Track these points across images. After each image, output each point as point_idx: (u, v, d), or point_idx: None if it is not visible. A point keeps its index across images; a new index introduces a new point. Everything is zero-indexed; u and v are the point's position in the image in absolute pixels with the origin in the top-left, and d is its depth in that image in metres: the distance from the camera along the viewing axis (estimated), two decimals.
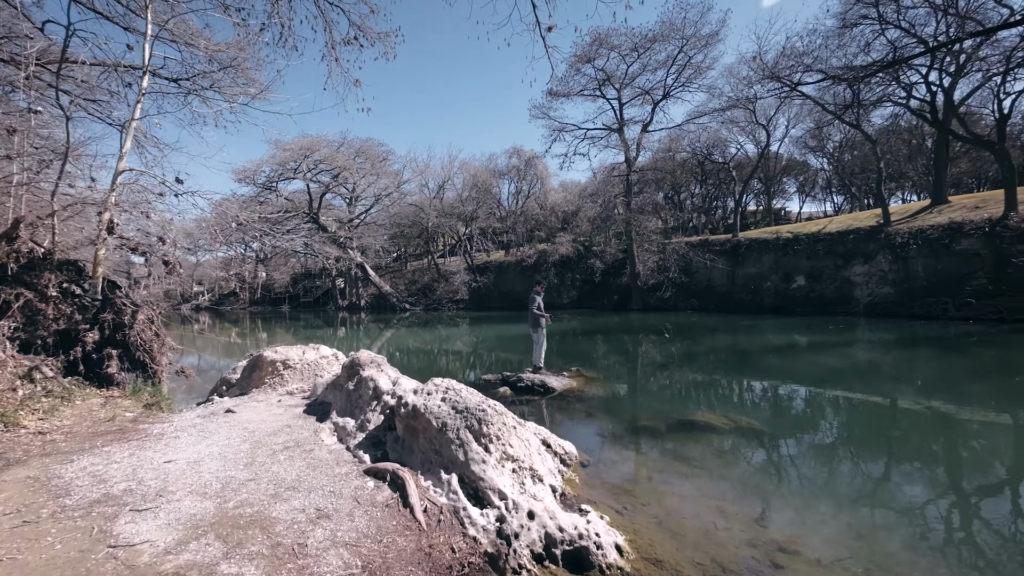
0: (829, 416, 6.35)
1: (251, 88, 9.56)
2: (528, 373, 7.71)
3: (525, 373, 7.73)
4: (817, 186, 39.21)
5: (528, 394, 6.99)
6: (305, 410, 4.82)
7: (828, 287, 20.59)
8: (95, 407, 5.23)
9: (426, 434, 3.49)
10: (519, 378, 7.41)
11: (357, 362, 4.77)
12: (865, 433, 5.61)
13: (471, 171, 35.03)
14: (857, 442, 5.33)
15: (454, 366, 11.38)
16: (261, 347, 7.42)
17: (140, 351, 6.35)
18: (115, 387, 6.10)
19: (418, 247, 41.87)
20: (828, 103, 22.57)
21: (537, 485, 3.38)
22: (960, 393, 7.24)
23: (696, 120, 25.67)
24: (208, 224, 7.51)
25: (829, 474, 4.43)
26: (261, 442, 3.89)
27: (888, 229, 19.10)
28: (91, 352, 6.11)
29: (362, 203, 38.10)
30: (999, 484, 4.27)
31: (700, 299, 25.10)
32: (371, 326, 26.91)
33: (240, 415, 4.67)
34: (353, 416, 4.23)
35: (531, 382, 7.19)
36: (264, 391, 5.46)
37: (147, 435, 4.30)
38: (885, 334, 13.62)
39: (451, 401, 3.61)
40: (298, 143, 31.30)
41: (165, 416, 5.04)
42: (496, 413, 3.54)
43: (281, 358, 5.59)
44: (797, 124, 30.80)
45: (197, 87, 8.82)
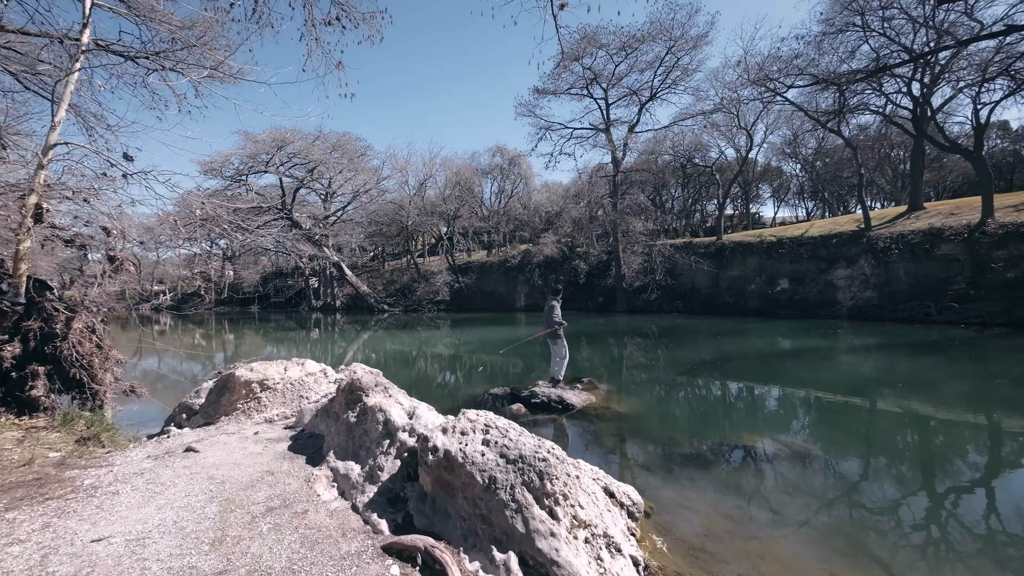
0: (889, 434, 5.75)
1: (218, 71, 8.34)
2: (541, 386, 6.82)
3: (538, 386, 6.84)
4: (791, 192, 40.08)
5: (544, 412, 6.12)
6: (291, 446, 3.78)
7: (811, 290, 20.66)
8: (8, 444, 4.02)
9: (467, 492, 2.56)
10: (532, 393, 6.52)
11: (358, 385, 3.77)
12: (948, 453, 5.02)
13: (453, 169, 33.90)
14: (942, 466, 4.72)
15: (448, 377, 10.38)
16: (231, 361, 6.27)
17: (76, 367, 5.11)
18: (41, 414, 4.87)
19: (397, 246, 40.34)
20: (810, 110, 22.74)
21: (617, 559, 2.52)
22: None
23: (682, 122, 25.51)
24: (168, 217, 6.32)
25: (934, 512, 3.76)
26: (234, 500, 2.86)
27: (870, 234, 19.28)
28: (9, 370, 4.85)
29: (338, 200, 36.30)
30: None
31: (685, 301, 24.90)
32: (347, 328, 25.44)
33: (205, 455, 3.59)
34: (358, 459, 3.24)
35: (547, 398, 6.32)
36: (236, 420, 4.37)
37: (74, 489, 3.18)
38: (883, 338, 13.48)
39: (497, 445, 2.69)
40: (270, 135, 29.37)
41: (104, 456, 3.89)
42: (558, 460, 2.65)
43: (258, 377, 4.50)
44: (774, 131, 31.21)
45: (157, 66, 7.54)
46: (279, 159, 29.74)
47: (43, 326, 5.14)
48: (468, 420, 2.95)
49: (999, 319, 14.34)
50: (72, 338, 5.11)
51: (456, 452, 2.66)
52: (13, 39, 6.28)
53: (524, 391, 6.71)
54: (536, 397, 6.37)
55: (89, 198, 4.90)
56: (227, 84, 8.29)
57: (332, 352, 17.43)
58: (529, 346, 15.00)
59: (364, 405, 3.54)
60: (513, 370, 10.70)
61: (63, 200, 5.22)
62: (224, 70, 8.41)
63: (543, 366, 10.56)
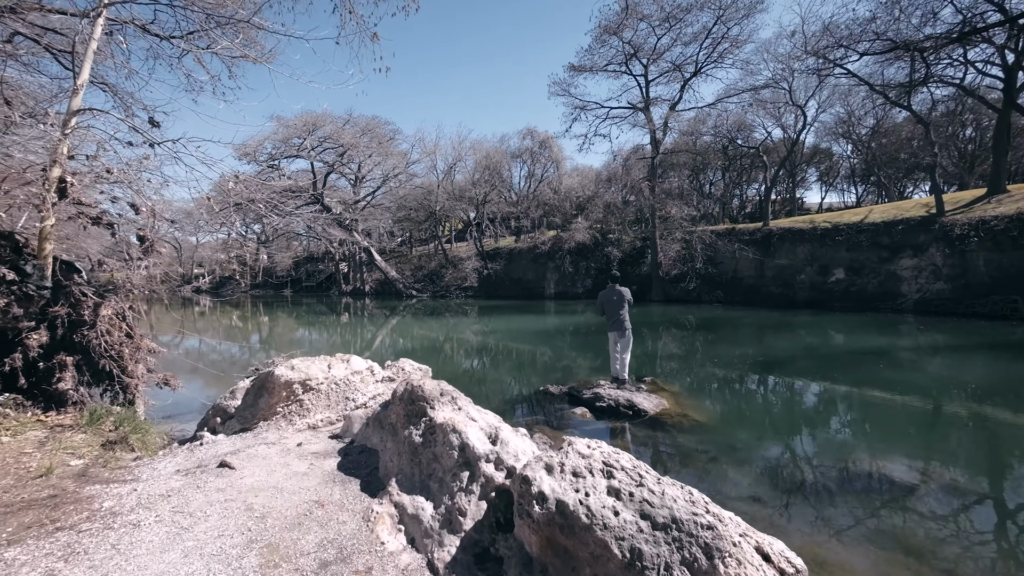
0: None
1: (251, 50, 7.79)
2: (605, 387, 6.03)
3: (601, 387, 6.04)
4: (839, 176, 37.35)
5: (612, 418, 5.35)
6: (341, 464, 3.14)
7: (870, 281, 18.98)
8: (29, 447, 3.56)
9: (598, 568, 1.81)
10: (597, 395, 5.74)
11: (419, 394, 3.07)
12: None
13: (482, 152, 32.93)
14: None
15: (487, 370, 9.71)
16: (267, 344, 5.76)
17: (105, 358, 4.65)
18: (70, 408, 4.44)
19: (425, 232, 39.95)
20: (875, 83, 20.63)
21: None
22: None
23: (728, 100, 23.69)
24: (203, 198, 5.84)
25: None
26: (278, 548, 2.22)
27: (943, 220, 17.41)
28: (36, 360, 4.43)
29: (368, 184, 36.03)
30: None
31: (725, 291, 23.48)
32: (376, 313, 25.27)
33: (242, 473, 2.99)
34: (428, 493, 2.55)
35: (614, 401, 5.53)
36: (276, 425, 3.78)
37: (91, 515, 2.62)
38: (972, 337, 12.01)
39: (633, 499, 1.92)
40: (301, 119, 29.12)
41: (130, 466, 3.36)
42: (725, 527, 1.85)
43: (300, 377, 3.89)
44: (827, 109, 28.80)
45: (192, 47, 7.02)
46: (310, 143, 29.51)
47: (71, 312, 4.69)
48: (579, 455, 2.19)
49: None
50: (100, 326, 4.64)
51: (574, 505, 1.91)
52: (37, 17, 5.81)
53: (585, 391, 5.94)
54: (601, 400, 5.60)
55: (113, 170, 4.34)
56: (260, 64, 7.76)
57: (362, 337, 17.13)
58: (561, 337, 14.21)
59: (431, 422, 2.83)
60: (552, 363, 9.96)
61: (88, 174, 4.68)
62: (257, 50, 7.90)
63: (583, 360, 9.77)
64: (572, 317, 20.30)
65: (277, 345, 16.47)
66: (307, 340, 17.49)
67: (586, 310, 23.36)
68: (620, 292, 6.16)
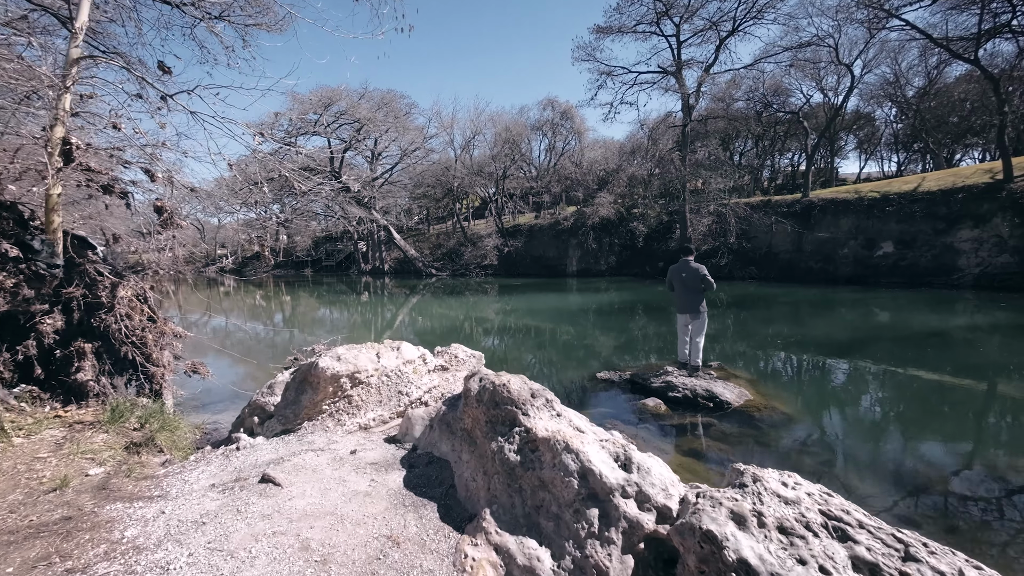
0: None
1: (264, 18, 7.01)
2: (675, 375, 5.32)
3: (671, 374, 5.33)
4: (880, 143, 34.91)
5: (690, 411, 4.66)
6: (407, 479, 2.54)
7: (924, 255, 17.62)
8: (44, 450, 3.08)
9: None
10: (668, 384, 5.04)
11: (505, 395, 2.41)
12: None
13: (501, 125, 31.59)
14: None
15: (527, 354, 9.08)
16: (291, 324, 5.21)
17: (127, 344, 4.14)
18: (92, 400, 3.97)
19: (443, 209, 39.14)
20: (929, 37, 18.64)
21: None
22: None
23: (769, 59, 21.84)
24: (230, 169, 5.22)
25: None
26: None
27: (1012, 186, 15.85)
28: (52, 348, 3.94)
29: (385, 162, 35.19)
30: None
31: (759, 267, 22.27)
32: (396, 292, 24.90)
33: (290, 492, 2.40)
34: (538, 533, 1.90)
35: (690, 391, 4.83)
36: (323, 426, 3.20)
37: (109, 549, 2.07)
38: None
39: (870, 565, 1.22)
40: (316, 94, 28.18)
41: (158, 476, 2.83)
42: None
43: (348, 369, 3.28)
44: (872, 70, 26.49)
45: (203, 14, 6.26)
46: (326, 119, 28.64)
47: (87, 293, 4.17)
48: (777, 497, 1.50)
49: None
50: (119, 309, 4.11)
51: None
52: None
53: (653, 378, 5.24)
54: (675, 389, 4.90)
55: (121, 125, 3.69)
56: (274, 33, 7.01)
57: (383, 316, 16.74)
58: (593, 316, 13.36)
59: (528, 435, 2.18)
60: (592, 345, 9.28)
61: (94, 134, 4.05)
62: (270, 17, 7.15)
63: (626, 342, 9.05)
64: (599, 295, 19.53)
65: (300, 324, 16.22)
66: (329, 319, 17.21)
67: (610, 287, 22.50)
68: (693, 269, 5.38)
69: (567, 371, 6.78)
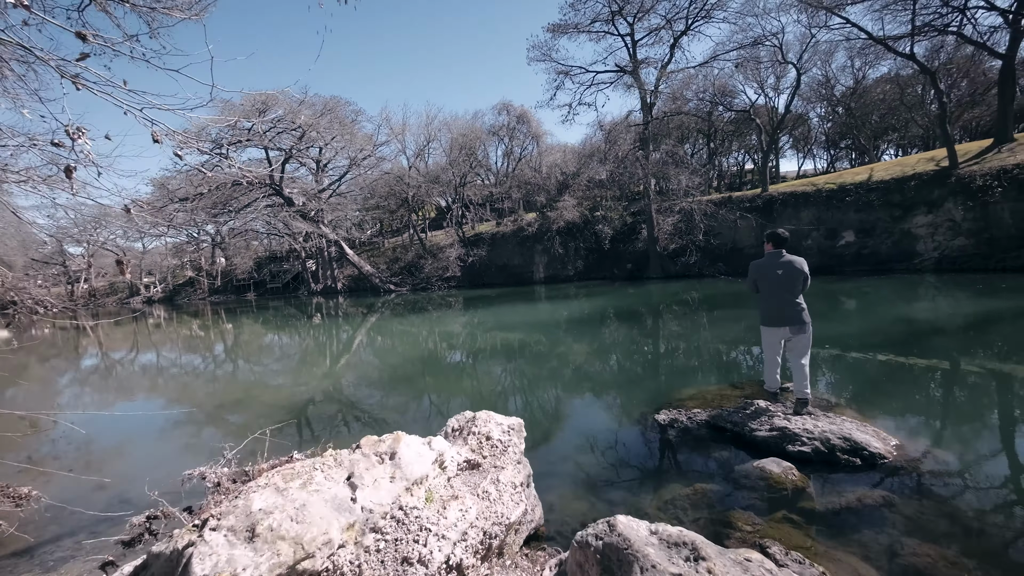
0: None
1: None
2: (779, 412, 3.70)
3: (774, 413, 3.70)
4: (813, 141, 36.61)
5: (825, 469, 3.05)
6: None
7: (884, 242, 17.72)
8: None
9: None
10: (783, 431, 3.39)
11: None
12: None
13: (456, 130, 29.81)
14: None
15: (528, 385, 7.26)
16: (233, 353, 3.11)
17: None
18: None
19: (399, 220, 36.53)
20: (869, 35, 19.08)
21: None
22: None
23: (721, 57, 21.68)
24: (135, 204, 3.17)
25: None
26: None
27: (958, 172, 16.17)
28: None
29: (331, 172, 32.22)
30: None
31: (727, 263, 21.87)
32: (352, 311, 22.26)
33: None
34: None
35: (822, 440, 3.22)
36: None
37: None
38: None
39: None
40: (249, 99, 24.97)
41: None
42: None
43: (277, 563, 1.28)
44: (807, 71, 27.39)
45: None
46: (261, 126, 25.48)
47: None
48: None
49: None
50: None
51: None
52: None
53: (751, 423, 3.59)
54: (795, 440, 3.26)
55: None
56: (193, 21, 4.85)
57: (338, 339, 14.34)
58: (574, 327, 11.46)
59: None
60: (600, 368, 7.64)
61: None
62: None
63: (636, 361, 7.48)
64: (573, 303, 18.08)
65: (245, 353, 13.56)
66: (277, 346, 14.59)
67: (580, 293, 21.22)
68: (788, 263, 3.87)
69: (604, 413, 5.01)
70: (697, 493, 2.98)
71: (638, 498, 3.04)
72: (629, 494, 3.11)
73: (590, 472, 3.47)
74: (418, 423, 5.13)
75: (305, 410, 6.50)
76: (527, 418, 4.95)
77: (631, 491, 3.15)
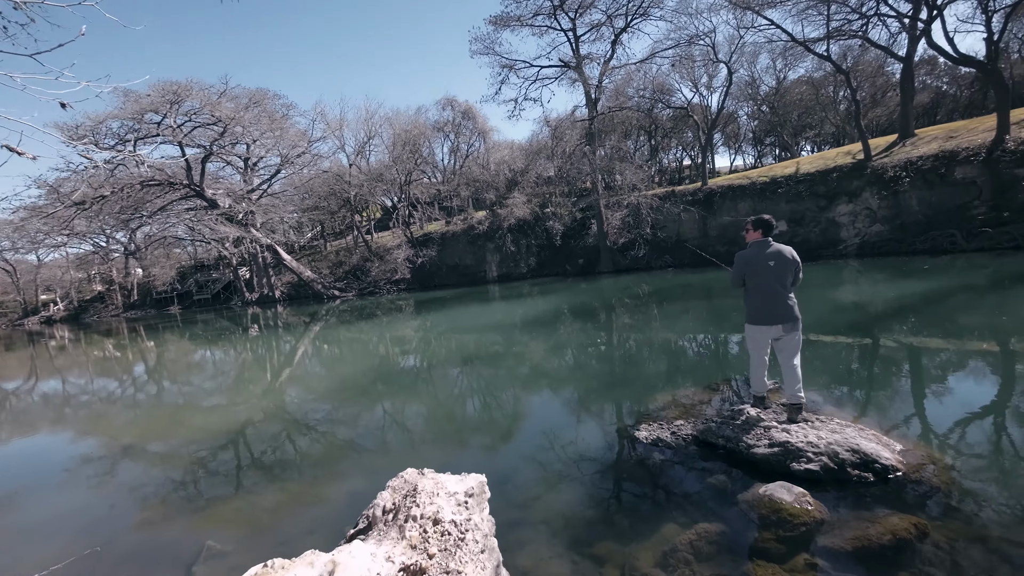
0: None
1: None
2: (772, 421, 3.27)
3: (767, 424, 3.25)
4: (742, 138, 38.86)
5: (835, 486, 2.64)
6: None
7: (812, 231, 18.84)
8: None
9: None
10: (784, 446, 2.94)
11: None
12: None
13: (399, 126, 28.28)
14: None
15: (487, 400, 6.57)
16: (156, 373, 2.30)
17: None
18: None
19: (341, 222, 34.26)
20: (791, 36, 20.24)
21: None
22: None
23: (661, 56, 22.08)
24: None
25: None
26: None
27: (872, 164, 17.49)
28: None
29: (262, 171, 29.50)
30: None
31: (673, 255, 22.43)
32: (293, 321, 20.41)
33: None
34: None
35: (830, 455, 2.80)
36: None
37: None
38: (973, 274, 11.40)
39: None
40: (159, 88, 22.06)
41: None
42: None
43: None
44: (736, 71, 28.87)
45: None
46: (175, 119, 22.60)
47: None
48: None
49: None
50: None
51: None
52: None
53: (746, 438, 3.11)
54: (800, 456, 2.81)
55: None
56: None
57: (279, 352, 12.88)
58: (534, 329, 10.79)
59: None
60: (564, 372, 7.12)
61: None
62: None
63: (603, 362, 7.03)
64: (528, 302, 17.61)
65: (171, 373, 11.80)
66: (210, 363, 12.87)
67: (533, 291, 20.84)
68: (778, 252, 3.44)
69: (577, 434, 4.17)
70: (700, 538, 2.42)
71: (631, 551, 2.44)
72: (619, 545, 2.50)
73: (568, 515, 2.83)
74: (353, 472, 4.25)
75: (238, 439, 5.42)
76: (487, 448, 4.19)
77: (621, 540, 2.54)
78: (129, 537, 3.34)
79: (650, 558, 2.36)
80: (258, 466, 4.58)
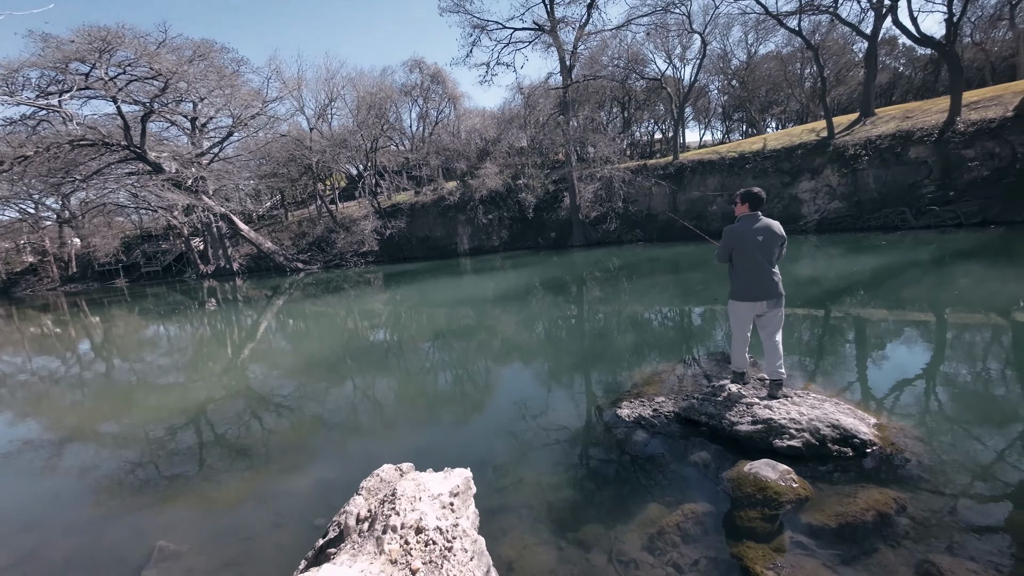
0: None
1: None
2: (753, 397, 3.27)
3: (747, 400, 3.25)
4: (712, 113, 39.09)
5: (817, 461, 2.67)
6: None
7: (776, 206, 19.35)
8: None
9: None
10: (767, 423, 2.93)
11: None
12: None
13: (362, 88, 26.48)
14: None
15: (460, 375, 6.41)
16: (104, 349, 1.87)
17: None
18: None
19: (303, 190, 32.36)
20: (764, 8, 20.09)
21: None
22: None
23: (636, 20, 21.43)
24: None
25: None
26: None
27: (835, 142, 17.98)
28: None
29: (212, 134, 27.13)
30: None
31: (643, 229, 22.66)
32: (253, 295, 19.39)
33: None
34: None
35: (812, 431, 2.81)
36: None
37: None
38: (926, 250, 12.00)
39: None
40: (83, 34, 19.46)
41: None
42: None
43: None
44: (710, 43, 28.62)
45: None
46: (106, 71, 20.13)
47: None
48: None
49: (975, 219, 13.84)
50: None
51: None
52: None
53: (728, 415, 3.10)
54: (782, 433, 2.82)
55: None
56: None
57: (241, 326, 12.20)
58: (510, 303, 10.63)
59: None
60: (539, 347, 7.05)
61: None
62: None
63: (577, 336, 6.99)
64: (500, 275, 17.42)
65: (120, 350, 10.96)
66: (164, 339, 12.05)
67: (506, 264, 20.63)
68: (767, 227, 3.35)
69: (558, 413, 4.05)
70: (687, 519, 2.38)
71: (617, 534, 2.37)
72: (604, 528, 2.43)
73: (552, 500, 2.73)
74: (323, 457, 4.01)
75: (196, 422, 5.05)
76: (463, 429, 4.03)
77: (606, 523, 2.47)
78: (70, 537, 3.01)
79: (637, 541, 2.30)
80: (218, 453, 4.26)
